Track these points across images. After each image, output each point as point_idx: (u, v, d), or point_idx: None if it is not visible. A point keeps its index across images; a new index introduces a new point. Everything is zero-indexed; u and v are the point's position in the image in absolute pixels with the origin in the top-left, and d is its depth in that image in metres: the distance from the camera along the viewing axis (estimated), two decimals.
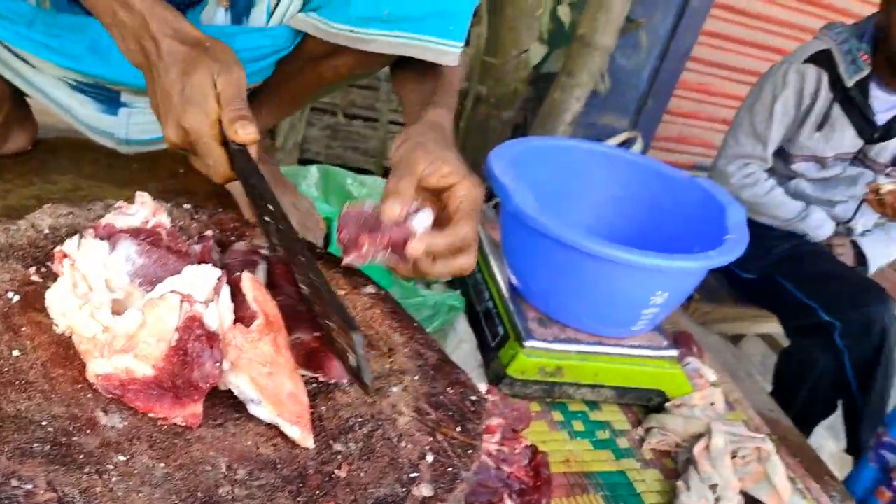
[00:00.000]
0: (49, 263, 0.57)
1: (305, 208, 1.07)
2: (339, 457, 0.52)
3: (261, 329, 0.52)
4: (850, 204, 2.14)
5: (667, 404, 1.26)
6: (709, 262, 1.10)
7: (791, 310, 2.04)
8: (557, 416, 1.21)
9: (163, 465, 0.46)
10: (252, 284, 0.54)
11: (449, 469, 0.54)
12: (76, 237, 0.54)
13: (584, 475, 1.11)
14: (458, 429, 0.59)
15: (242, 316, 0.53)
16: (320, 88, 1.04)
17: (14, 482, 0.40)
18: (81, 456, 0.44)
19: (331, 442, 0.53)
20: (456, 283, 1.39)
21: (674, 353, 1.26)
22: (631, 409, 1.27)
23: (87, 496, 0.42)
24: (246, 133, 0.66)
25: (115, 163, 1.13)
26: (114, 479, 0.43)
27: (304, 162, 2.45)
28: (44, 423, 0.45)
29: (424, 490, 0.52)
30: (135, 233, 0.56)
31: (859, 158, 2.08)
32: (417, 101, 0.89)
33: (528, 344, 1.16)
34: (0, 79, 1.00)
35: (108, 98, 1.03)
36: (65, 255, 0.54)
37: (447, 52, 0.88)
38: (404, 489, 0.51)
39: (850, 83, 1.97)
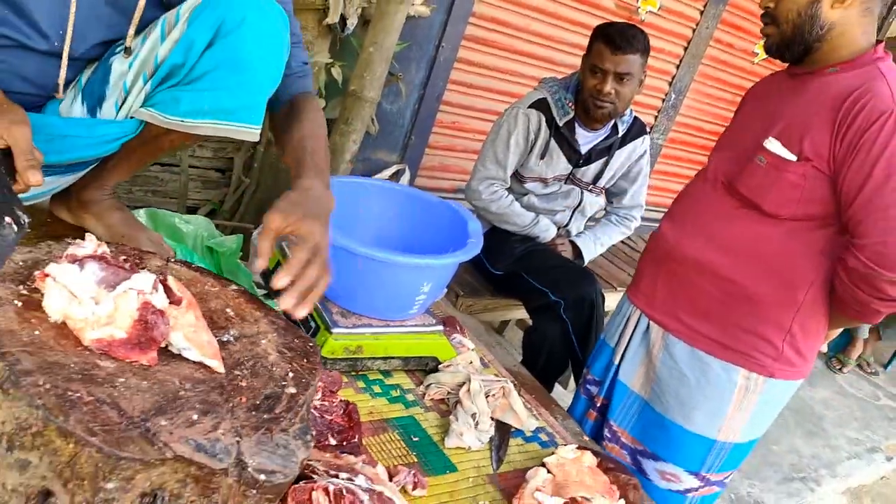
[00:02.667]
0: (29, 283, 0.87)
1: (157, 241, 1.38)
2: (240, 376, 0.88)
3: (186, 306, 0.87)
4: (566, 213, 2.68)
5: (439, 366, 1.65)
6: (457, 258, 1.54)
7: (530, 295, 2.48)
8: (361, 384, 1.54)
9: (145, 382, 0.80)
10: (175, 282, 0.89)
11: (303, 380, 0.93)
12: (53, 264, 0.86)
13: (384, 421, 1.46)
14: (305, 360, 0.98)
15: (172, 300, 0.88)
16: (161, 153, 1.34)
17: (69, 394, 0.73)
18: (99, 379, 0.77)
19: (233, 370, 0.90)
20: (273, 294, 1.74)
21: (441, 328, 1.66)
22: (414, 374, 1.65)
23: (112, 396, 0.75)
24: (36, 180, 0.90)
25: None
26: (121, 389, 0.77)
27: None
28: (71, 366, 0.77)
29: (292, 389, 0.90)
30: (93, 258, 0.88)
31: (570, 179, 2.61)
32: (291, 162, 1.21)
33: (335, 331, 1.50)
34: None
35: None
36: (46, 275, 0.85)
37: (252, 132, 1.19)
38: (280, 388, 0.89)
39: (560, 123, 2.47)
